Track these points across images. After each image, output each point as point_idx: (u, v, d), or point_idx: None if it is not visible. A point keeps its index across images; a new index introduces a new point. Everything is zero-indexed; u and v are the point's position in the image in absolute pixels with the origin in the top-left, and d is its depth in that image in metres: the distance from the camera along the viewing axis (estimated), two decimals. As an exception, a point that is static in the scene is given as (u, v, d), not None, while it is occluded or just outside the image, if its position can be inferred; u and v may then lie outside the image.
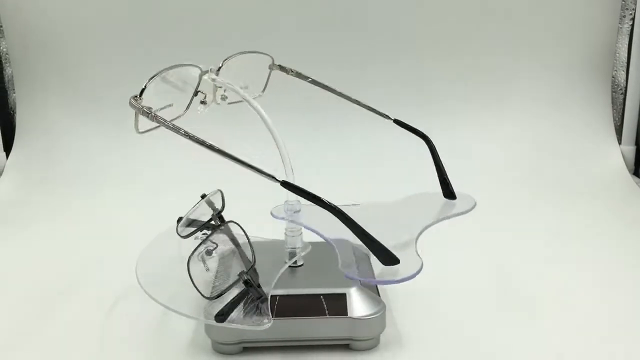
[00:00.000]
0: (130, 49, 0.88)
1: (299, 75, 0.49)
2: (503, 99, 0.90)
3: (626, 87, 0.90)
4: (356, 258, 0.45)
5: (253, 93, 0.48)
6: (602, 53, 0.89)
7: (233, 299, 0.40)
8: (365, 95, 0.50)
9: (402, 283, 0.52)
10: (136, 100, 0.39)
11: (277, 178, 0.37)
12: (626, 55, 0.89)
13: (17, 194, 0.81)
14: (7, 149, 0.90)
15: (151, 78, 0.40)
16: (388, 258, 0.37)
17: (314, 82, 0.49)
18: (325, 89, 0.49)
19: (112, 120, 0.88)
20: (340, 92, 0.49)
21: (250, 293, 0.39)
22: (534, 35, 0.89)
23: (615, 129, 0.90)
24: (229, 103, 0.45)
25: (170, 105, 0.41)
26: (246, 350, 0.43)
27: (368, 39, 0.88)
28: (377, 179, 0.83)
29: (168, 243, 0.47)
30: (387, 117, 0.48)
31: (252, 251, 0.43)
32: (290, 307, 0.42)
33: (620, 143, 0.90)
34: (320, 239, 0.47)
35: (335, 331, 0.42)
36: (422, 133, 0.48)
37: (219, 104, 0.45)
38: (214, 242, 0.44)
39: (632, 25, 0.88)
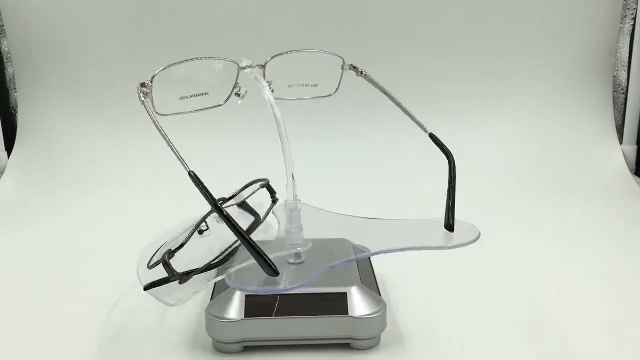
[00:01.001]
0: (132, 48, 0.88)
1: (366, 77, 0.48)
2: (504, 99, 0.90)
3: (627, 87, 0.90)
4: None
5: (322, 92, 0.48)
6: (604, 53, 0.89)
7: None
8: (365, 95, 0.50)
9: (405, 283, 0.53)
10: (144, 85, 0.41)
11: (189, 168, 0.38)
12: (628, 55, 0.89)
13: (19, 193, 0.81)
14: (9, 149, 0.90)
15: (169, 66, 0.40)
16: (269, 270, 0.38)
17: (377, 86, 0.48)
18: (384, 94, 0.48)
19: (114, 120, 0.89)
20: (393, 97, 0.48)
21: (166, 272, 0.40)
22: (534, 35, 0.89)
23: (617, 129, 0.90)
24: (275, 98, 0.45)
25: (206, 94, 0.43)
26: (247, 349, 0.43)
27: (368, 39, 0.88)
28: (379, 179, 0.84)
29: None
30: (424, 129, 0.47)
31: (190, 235, 0.44)
32: (291, 306, 0.42)
33: (621, 143, 0.90)
34: (322, 237, 0.47)
35: (336, 330, 0.42)
36: (450, 154, 0.47)
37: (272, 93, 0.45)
38: (207, 224, 0.47)
39: (634, 26, 0.88)
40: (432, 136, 0.47)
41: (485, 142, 0.88)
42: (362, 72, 0.48)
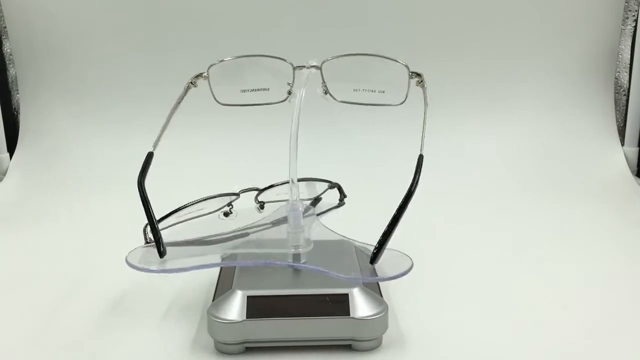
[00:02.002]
0: (134, 50, 0.89)
1: (423, 88, 0.46)
2: (504, 100, 0.90)
3: (629, 89, 0.89)
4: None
5: (390, 100, 0.46)
6: (605, 54, 0.89)
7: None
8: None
9: (406, 284, 0.53)
10: (199, 75, 0.45)
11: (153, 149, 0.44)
12: (629, 56, 0.89)
13: (21, 194, 0.82)
14: (11, 150, 0.90)
15: (221, 60, 0.44)
16: (159, 250, 0.43)
17: (425, 99, 0.46)
18: (425, 106, 0.47)
19: (116, 121, 0.89)
20: (426, 111, 0.47)
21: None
22: (535, 37, 0.89)
23: (618, 131, 0.90)
24: (332, 97, 0.45)
25: (266, 90, 0.45)
26: (249, 350, 0.43)
27: (368, 39, 0.88)
28: (379, 180, 0.84)
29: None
30: (421, 148, 0.45)
31: (180, 208, 0.49)
32: (292, 307, 0.42)
33: (623, 144, 0.90)
34: (325, 238, 0.47)
35: (338, 331, 0.42)
36: (415, 184, 0.43)
37: (323, 96, 0.45)
38: (231, 209, 0.52)
39: (635, 27, 0.88)
40: (420, 157, 0.44)
41: (486, 142, 0.88)
42: (421, 81, 0.46)
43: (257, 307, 0.42)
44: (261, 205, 0.52)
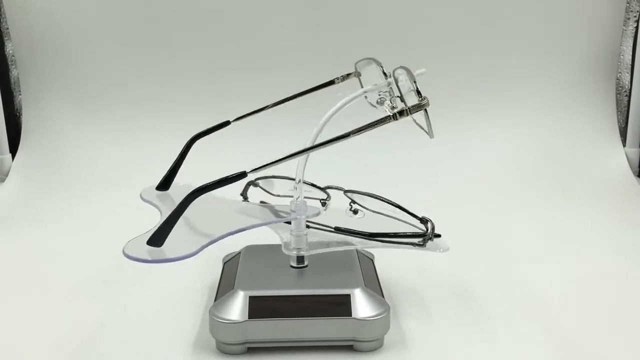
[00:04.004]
0: (135, 51, 0.89)
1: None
2: (506, 101, 0.90)
3: (630, 89, 0.89)
4: None
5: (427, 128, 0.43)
6: (607, 55, 0.89)
7: None
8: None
9: (408, 285, 0.53)
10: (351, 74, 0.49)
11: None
12: (631, 57, 0.89)
13: (23, 194, 0.82)
14: (13, 151, 0.90)
15: (364, 59, 0.48)
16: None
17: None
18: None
19: (119, 122, 0.89)
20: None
21: None
22: (537, 37, 0.89)
23: (620, 131, 0.90)
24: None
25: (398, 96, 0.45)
26: (250, 350, 0.43)
27: (369, 39, 0.88)
28: (375, 183, 0.84)
29: None
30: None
31: (278, 177, 0.50)
32: (294, 307, 0.42)
33: (624, 145, 0.90)
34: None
35: (339, 332, 0.42)
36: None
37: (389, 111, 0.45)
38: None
39: (637, 27, 0.88)
40: (242, 173, 0.41)
41: (487, 143, 0.88)
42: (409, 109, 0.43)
43: (258, 308, 0.42)
44: (354, 211, 0.48)
